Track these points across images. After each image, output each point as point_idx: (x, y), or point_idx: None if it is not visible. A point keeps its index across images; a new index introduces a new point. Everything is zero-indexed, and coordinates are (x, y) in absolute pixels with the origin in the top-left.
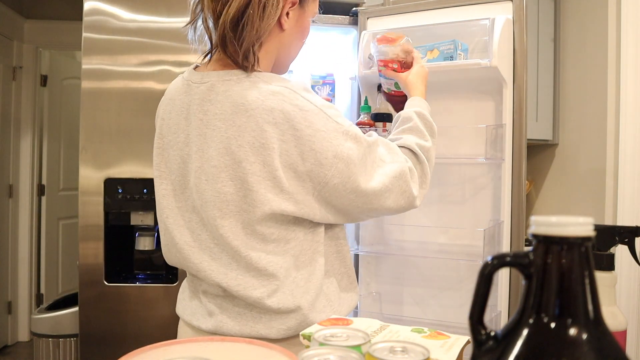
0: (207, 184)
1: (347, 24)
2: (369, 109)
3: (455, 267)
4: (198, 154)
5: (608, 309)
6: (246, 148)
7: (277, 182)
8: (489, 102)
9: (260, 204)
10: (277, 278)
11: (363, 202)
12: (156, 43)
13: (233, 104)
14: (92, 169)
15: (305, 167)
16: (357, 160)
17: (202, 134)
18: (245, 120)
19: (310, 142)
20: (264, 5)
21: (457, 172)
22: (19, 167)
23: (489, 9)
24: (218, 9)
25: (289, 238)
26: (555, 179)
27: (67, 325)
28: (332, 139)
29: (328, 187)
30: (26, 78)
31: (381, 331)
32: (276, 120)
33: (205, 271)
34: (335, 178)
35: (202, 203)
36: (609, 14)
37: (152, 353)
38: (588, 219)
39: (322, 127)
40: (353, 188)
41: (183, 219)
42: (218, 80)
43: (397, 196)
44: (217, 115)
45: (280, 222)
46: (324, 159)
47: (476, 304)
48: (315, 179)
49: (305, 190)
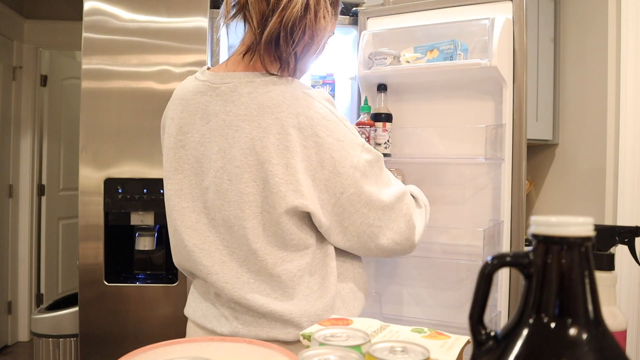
0: (230, 184)
1: (347, 24)
2: (369, 109)
3: (455, 267)
4: (219, 154)
5: (608, 309)
6: (270, 149)
7: (298, 186)
8: (489, 102)
9: (281, 202)
10: (290, 285)
11: (374, 217)
12: (156, 43)
13: (259, 105)
14: (92, 169)
15: (323, 174)
16: (370, 174)
17: (224, 135)
18: (271, 122)
19: (331, 150)
20: (321, 16)
21: (457, 172)
22: (19, 167)
23: (489, 9)
24: (267, 10)
25: (308, 243)
26: (555, 179)
27: (67, 325)
28: (350, 149)
29: (344, 198)
30: (26, 78)
31: (381, 331)
32: (301, 125)
33: (218, 274)
34: (351, 187)
35: (223, 203)
36: (609, 14)
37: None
38: (588, 219)
39: (342, 137)
40: (367, 200)
41: (191, 220)
42: (241, 81)
43: (400, 218)
44: (240, 116)
45: (299, 224)
46: (342, 168)
47: (476, 304)
48: (332, 188)
49: (320, 202)
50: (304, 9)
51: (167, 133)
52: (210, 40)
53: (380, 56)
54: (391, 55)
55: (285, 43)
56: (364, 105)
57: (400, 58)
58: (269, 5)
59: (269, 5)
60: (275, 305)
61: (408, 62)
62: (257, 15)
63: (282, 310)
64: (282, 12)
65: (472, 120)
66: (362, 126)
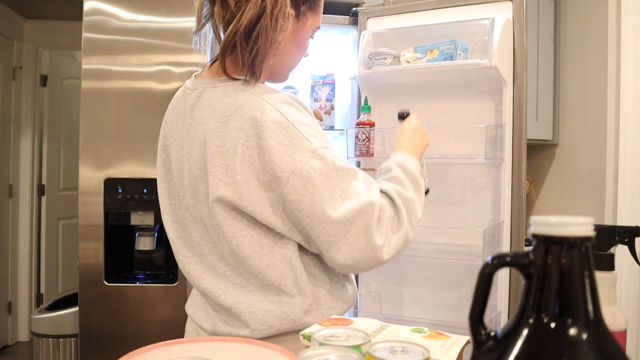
0: (196, 184)
1: (347, 24)
2: (369, 109)
3: (455, 267)
4: (187, 157)
5: (608, 309)
6: (213, 151)
7: (238, 188)
8: (489, 102)
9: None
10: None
11: (319, 231)
12: (156, 43)
13: (213, 109)
14: (92, 169)
15: (265, 177)
16: (317, 182)
17: (189, 138)
18: (218, 125)
19: (271, 152)
20: (276, 17)
21: (457, 172)
22: (19, 167)
23: (489, 9)
24: (227, 17)
25: (263, 243)
26: (555, 179)
27: (67, 325)
28: (295, 154)
29: (286, 204)
30: (26, 78)
31: (381, 331)
32: (244, 126)
33: (196, 264)
34: (290, 194)
35: (195, 202)
36: (609, 14)
37: (152, 353)
38: (588, 219)
39: (287, 141)
40: (308, 210)
41: (177, 216)
42: (206, 87)
43: (360, 235)
44: (200, 120)
45: (251, 225)
46: (281, 173)
47: (476, 304)
48: (275, 191)
49: (269, 201)
50: (259, 14)
51: (160, 135)
52: (210, 40)
53: (380, 56)
54: (391, 55)
55: (243, 49)
56: (364, 105)
57: (400, 58)
58: (228, 12)
59: (229, 12)
60: (244, 298)
61: (408, 62)
62: (221, 23)
63: (249, 302)
64: (239, 19)
65: (472, 120)
66: (362, 126)
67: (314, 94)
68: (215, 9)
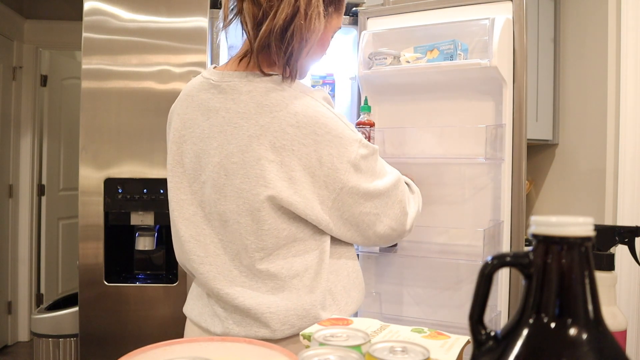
0: (226, 179)
1: (347, 24)
2: (369, 109)
3: (455, 267)
4: (217, 150)
5: (608, 309)
6: (267, 147)
7: (292, 183)
8: (489, 102)
9: (273, 197)
10: (281, 279)
11: (372, 206)
12: (156, 43)
13: (257, 104)
14: (92, 169)
15: (322, 171)
16: (367, 167)
17: (223, 131)
18: (269, 121)
19: (329, 146)
20: (310, 17)
21: (456, 172)
22: (19, 167)
23: (489, 8)
24: (259, 15)
25: (298, 237)
26: (555, 179)
27: (67, 325)
28: (348, 145)
29: (343, 192)
30: (26, 78)
31: (381, 331)
32: (299, 124)
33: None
34: (350, 182)
35: (219, 197)
36: (609, 14)
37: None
38: (588, 219)
39: (339, 134)
40: (364, 191)
41: (189, 212)
42: (241, 80)
43: (395, 205)
44: (239, 113)
45: (290, 220)
46: (340, 164)
47: (476, 304)
48: (332, 184)
49: (319, 198)
50: (293, 14)
51: (172, 128)
52: (210, 40)
53: (380, 56)
54: (391, 55)
55: (278, 49)
56: (364, 105)
57: (400, 58)
58: (260, 10)
59: (261, 9)
60: (262, 299)
61: (408, 62)
62: (251, 21)
63: (268, 303)
64: (273, 18)
65: (472, 120)
66: (362, 126)
67: None
68: (244, 5)
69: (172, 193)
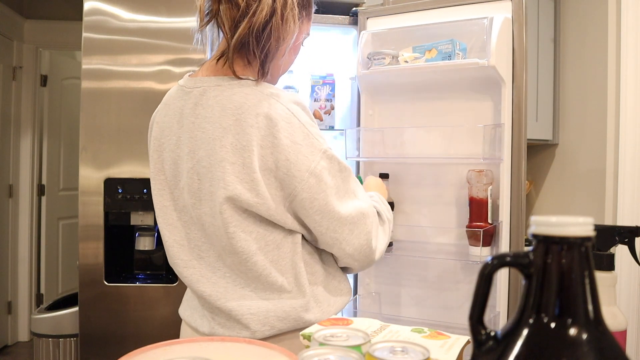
0: (200, 183)
1: (347, 24)
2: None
3: (454, 267)
4: (189, 156)
5: (608, 309)
6: (228, 149)
7: (254, 185)
8: (488, 102)
9: (232, 198)
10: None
11: (327, 227)
12: (156, 43)
13: (222, 107)
14: (92, 169)
15: (278, 175)
16: (329, 182)
17: (193, 137)
18: (231, 123)
19: (286, 152)
20: (287, 18)
21: (455, 172)
22: (19, 167)
23: (488, 8)
24: (237, 16)
25: (269, 240)
26: (555, 179)
27: (67, 325)
28: (309, 154)
29: (296, 201)
30: (26, 78)
31: (381, 331)
32: (259, 125)
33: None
34: (304, 192)
35: (195, 202)
36: (609, 14)
37: (152, 353)
38: (588, 219)
39: (300, 141)
40: (320, 207)
41: (172, 218)
42: (210, 85)
43: (359, 234)
44: (206, 118)
45: (258, 222)
46: (297, 172)
47: (476, 304)
48: (286, 189)
49: (275, 198)
50: (271, 14)
51: (152, 136)
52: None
53: (378, 56)
54: (390, 55)
55: (254, 47)
56: None
57: (398, 58)
58: (239, 11)
59: (239, 11)
60: (244, 301)
61: (406, 62)
62: (229, 22)
63: (249, 305)
64: (251, 18)
65: (471, 120)
66: None
67: (314, 94)
68: (220, 7)
69: (156, 200)
